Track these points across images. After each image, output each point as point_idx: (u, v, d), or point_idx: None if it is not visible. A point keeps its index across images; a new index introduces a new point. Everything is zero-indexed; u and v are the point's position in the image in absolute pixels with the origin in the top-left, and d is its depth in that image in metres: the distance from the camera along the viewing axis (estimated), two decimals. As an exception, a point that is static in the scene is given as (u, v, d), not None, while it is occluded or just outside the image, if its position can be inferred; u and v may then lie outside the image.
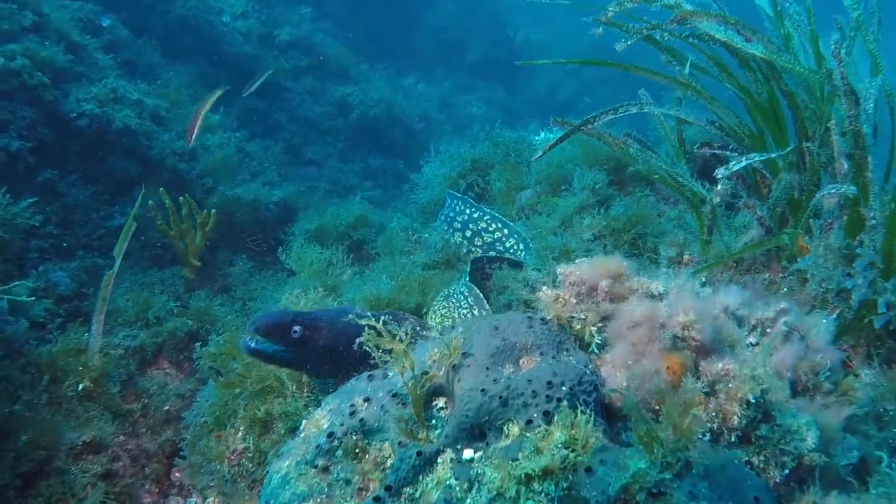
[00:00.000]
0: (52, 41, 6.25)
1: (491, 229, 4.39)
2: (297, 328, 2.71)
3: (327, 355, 2.75)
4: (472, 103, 16.96)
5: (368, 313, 2.67)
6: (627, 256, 3.95)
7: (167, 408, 4.18)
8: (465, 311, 3.32)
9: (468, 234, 4.49)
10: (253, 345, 2.68)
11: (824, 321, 2.16)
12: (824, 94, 3.07)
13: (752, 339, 2.20)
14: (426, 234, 4.95)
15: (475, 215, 4.50)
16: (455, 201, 4.65)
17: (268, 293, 5.08)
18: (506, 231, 4.31)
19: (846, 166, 3.06)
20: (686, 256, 3.77)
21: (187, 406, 4.02)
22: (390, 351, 2.07)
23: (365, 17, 16.13)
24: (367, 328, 2.05)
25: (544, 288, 2.25)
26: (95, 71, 6.62)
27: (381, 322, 2.09)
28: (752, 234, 3.50)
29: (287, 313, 2.81)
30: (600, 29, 3.59)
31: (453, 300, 3.47)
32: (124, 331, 4.62)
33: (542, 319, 2.21)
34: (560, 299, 2.19)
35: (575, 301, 2.18)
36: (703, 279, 3.62)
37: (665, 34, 3.45)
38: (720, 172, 2.93)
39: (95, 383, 3.77)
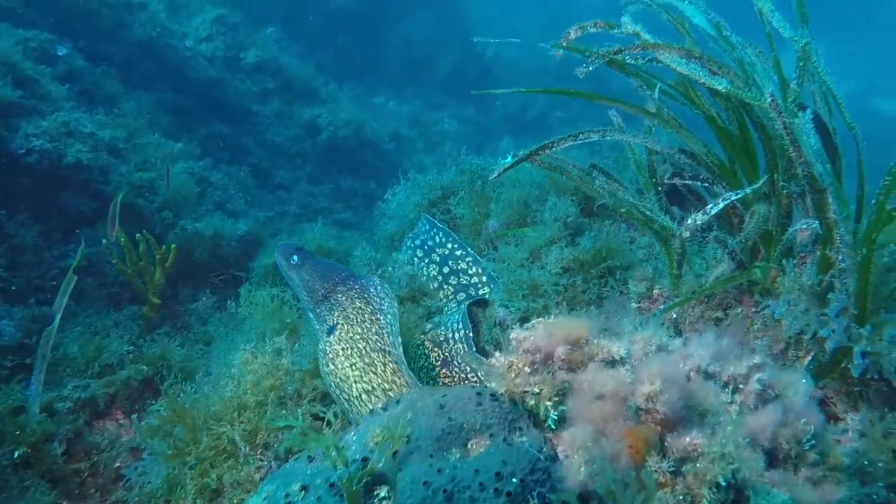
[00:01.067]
0: (0, 74, 6.02)
1: (470, 272, 4.24)
2: (295, 257, 3.68)
3: (306, 286, 3.57)
4: (443, 120, 16.87)
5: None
6: (597, 295, 3.85)
7: (118, 464, 3.94)
8: (450, 345, 3.61)
9: (445, 270, 4.32)
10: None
11: (804, 381, 2.00)
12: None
13: (724, 398, 2.05)
14: (389, 268, 4.76)
15: (457, 253, 4.32)
16: (434, 230, 4.46)
17: (228, 335, 4.85)
18: (484, 278, 4.17)
19: (811, 200, 2.94)
20: (656, 291, 3.63)
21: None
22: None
23: (333, 37, 16.02)
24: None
25: (497, 354, 2.08)
26: (48, 103, 6.38)
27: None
28: (723, 268, 3.37)
29: (292, 246, 3.81)
30: (560, 52, 3.44)
31: (442, 330, 3.73)
32: (74, 381, 4.39)
33: (493, 395, 2.03)
34: (513, 368, 2.02)
35: (529, 371, 2.00)
36: (675, 315, 3.50)
37: (635, 59, 3.32)
38: (698, 218, 2.82)
39: (34, 448, 3.52)
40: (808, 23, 3.09)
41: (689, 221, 3.51)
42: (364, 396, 2.92)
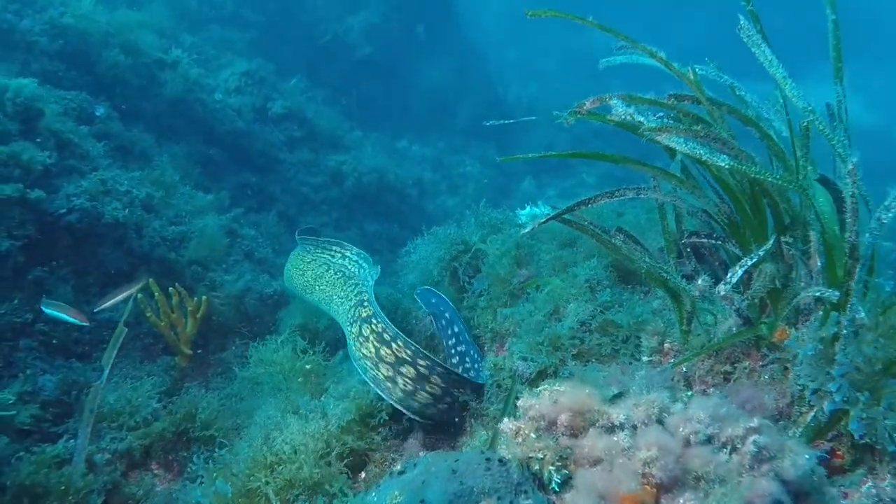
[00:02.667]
0: (44, 137, 6.36)
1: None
2: None
3: None
4: (465, 163, 17.15)
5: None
6: (612, 349, 3.98)
7: (154, 515, 4.13)
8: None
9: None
10: None
11: (806, 456, 2.11)
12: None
13: (722, 458, 2.17)
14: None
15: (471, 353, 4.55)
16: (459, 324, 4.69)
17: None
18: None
19: (819, 263, 3.08)
20: (667, 345, 3.75)
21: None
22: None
23: (357, 84, 16.44)
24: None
25: (506, 420, 2.24)
26: (86, 162, 6.71)
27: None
28: (730, 324, 3.49)
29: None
30: (572, 119, 3.62)
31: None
32: (111, 433, 4.60)
33: (501, 460, 2.19)
34: (521, 433, 2.18)
35: (534, 436, 2.16)
36: (685, 369, 3.62)
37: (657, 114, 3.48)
38: (721, 290, 2.97)
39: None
40: (842, 79, 3.23)
41: (700, 282, 3.68)
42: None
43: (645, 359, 3.74)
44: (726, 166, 2.90)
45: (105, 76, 8.75)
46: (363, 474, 3.51)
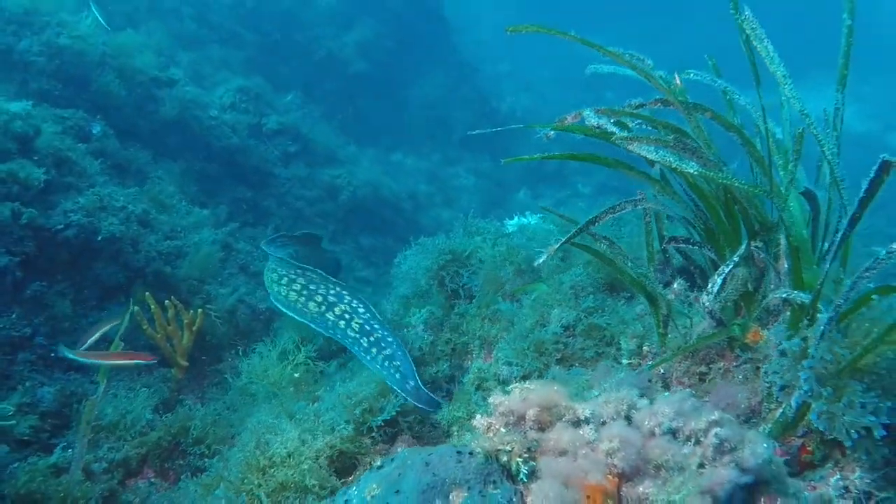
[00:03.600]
0: (42, 155, 6.51)
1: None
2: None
3: None
4: (460, 175, 17.32)
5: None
6: (595, 352, 4.10)
7: (149, 522, 4.23)
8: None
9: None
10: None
11: (764, 445, 2.23)
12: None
13: (686, 450, 2.28)
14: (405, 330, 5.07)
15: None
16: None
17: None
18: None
19: (786, 266, 3.21)
20: (645, 348, 3.88)
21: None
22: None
23: (352, 99, 16.63)
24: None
25: (478, 416, 2.36)
26: (83, 179, 6.84)
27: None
28: (704, 326, 3.61)
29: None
30: (552, 133, 3.77)
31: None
32: (109, 443, 4.70)
33: (471, 453, 2.31)
34: (492, 428, 2.30)
35: (504, 430, 2.28)
36: (662, 370, 3.74)
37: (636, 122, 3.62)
38: (704, 301, 3.09)
39: (75, 509, 3.83)
40: (845, 86, 3.34)
41: (676, 286, 3.84)
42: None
43: (625, 361, 3.87)
44: (695, 173, 3.03)
45: (101, 95, 8.90)
46: (352, 477, 3.62)
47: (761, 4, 3.59)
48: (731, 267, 3.30)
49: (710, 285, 3.21)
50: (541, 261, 3.31)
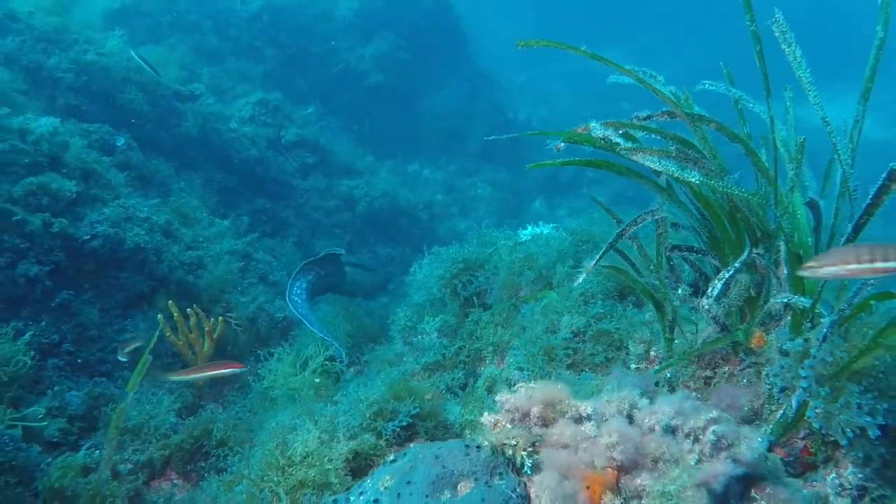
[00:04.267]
0: (70, 168, 6.73)
1: None
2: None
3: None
4: (476, 186, 17.45)
5: None
6: (605, 357, 4.21)
7: (173, 522, 4.38)
8: None
9: None
10: None
11: (759, 439, 2.34)
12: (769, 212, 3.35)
13: (685, 447, 2.39)
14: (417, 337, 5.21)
15: None
16: None
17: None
18: None
19: (786, 272, 3.32)
20: (653, 353, 3.98)
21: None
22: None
23: (369, 110, 16.85)
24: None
25: (486, 414, 2.49)
26: (108, 191, 7.07)
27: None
28: (709, 331, 3.71)
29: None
30: (562, 145, 3.90)
31: None
32: (134, 445, 4.87)
33: (478, 447, 2.45)
34: (498, 424, 2.43)
35: (510, 426, 2.41)
36: (669, 374, 3.85)
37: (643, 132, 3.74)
38: (705, 303, 3.20)
39: (105, 510, 3.99)
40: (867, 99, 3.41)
41: (680, 292, 3.95)
42: None
43: (633, 366, 3.98)
44: (696, 181, 3.15)
45: (125, 109, 9.17)
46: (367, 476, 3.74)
47: (765, 17, 3.69)
48: (732, 272, 3.40)
49: (710, 289, 3.31)
50: (580, 280, 3.43)
